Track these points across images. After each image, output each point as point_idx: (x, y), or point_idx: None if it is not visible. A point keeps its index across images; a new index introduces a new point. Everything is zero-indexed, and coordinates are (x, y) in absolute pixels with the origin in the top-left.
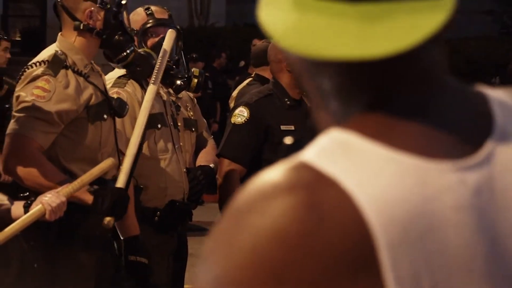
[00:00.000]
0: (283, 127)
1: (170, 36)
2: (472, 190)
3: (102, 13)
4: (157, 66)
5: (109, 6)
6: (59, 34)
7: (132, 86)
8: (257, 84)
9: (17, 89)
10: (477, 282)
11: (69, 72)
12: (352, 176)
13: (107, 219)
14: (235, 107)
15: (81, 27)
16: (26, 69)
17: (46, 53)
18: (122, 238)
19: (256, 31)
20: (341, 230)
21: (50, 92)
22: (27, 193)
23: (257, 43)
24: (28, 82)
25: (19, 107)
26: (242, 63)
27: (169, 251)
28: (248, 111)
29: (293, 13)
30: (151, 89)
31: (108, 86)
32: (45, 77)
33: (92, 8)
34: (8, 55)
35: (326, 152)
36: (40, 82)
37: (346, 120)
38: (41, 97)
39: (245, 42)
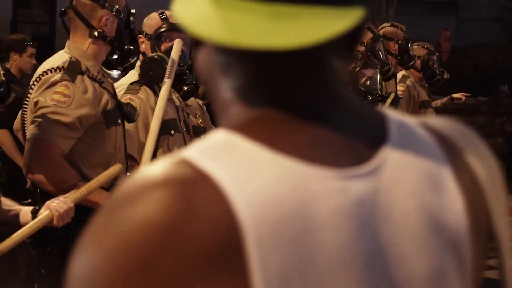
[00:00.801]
0: None
1: (177, 45)
2: (354, 199)
3: (116, 22)
4: (167, 74)
5: (122, 15)
6: (68, 40)
7: (145, 93)
8: None
9: (34, 94)
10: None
11: (85, 77)
12: (229, 174)
13: None
14: None
15: (96, 34)
16: (41, 76)
17: (59, 60)
18: None
19: None
20: (210, 225)
21: (70, 98)
22: (29, 200)
23: None
24: (47, 88)
25: (39, 112)
26: None
27: None
28: None
29: (209, 8)
30: (162, 96)
31: (121, 93)
32: (64, 82)
33: (108, 16)
34: (34, 61)
35: (208, 151)
36: (59, 88)
37: (240, 121)
38: (61, 102)
39: None
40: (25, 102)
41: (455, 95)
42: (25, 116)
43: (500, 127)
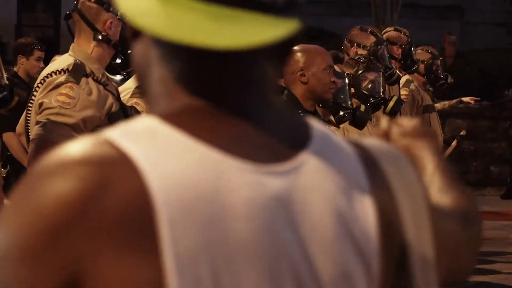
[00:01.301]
0: None
1: None
2: (269, 194)
3: (120, 25)
4: None
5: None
6: (73, 43)
7: None
8: None
9: (38, 96)
10: (261, 278)
11: (90, 80)
12: (147, 156)
13: None
14: None
15: (101, 38)
16: (46, 78)
17: (63, 62)
18: None
19: None
20: (123, 202)
21: (75, 99)
22: None
23: None
24: (51, 90)
25: (44, 113)
26: None
27: None
28: None
29: (153, 2)
30: None
31: (126, 97)
32: (69, 84)
33: (113, 20)
34: (42, 65)
35: (130, 133)
36: (64, 89)
37: (168, 110)
38: (66, 104)
39: None
40: (29, 105)
41: (464, 99)
42: (29, 118)
43: (504, 131)
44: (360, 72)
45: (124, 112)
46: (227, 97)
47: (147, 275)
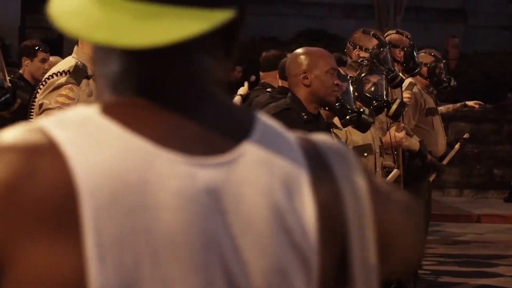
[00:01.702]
0: None
1: None
2: (200, 185)
3: None
4: None
5: None
6: (76, 46)
7: None
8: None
9: (39, 97)
10: (186, 269)
11: (91, 81)
12: (75, 144)
13: None
14: None
15: None
16: (47, 79)
17: (65, 64)
18: None
19: (274, 44)
20: (47, 188)
21: (74, 100)
22: None
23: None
24: (52, 91)
25: (44, 114)
26: (253, 78)
27: None
28: None
29: (82, 3)
30: None
31: None
32: (69, 85)
33: None
34: (46, 67)
35: (63, 121)
36: (64, 90)
37: (106, 103)
38: (65, 104)
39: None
40: (31, 107)
41: (468, 103)
42: (31, 120)
43: (508, 134)
44: (363, 75)
45: None
46: (163, 91)
47: (69, 262)
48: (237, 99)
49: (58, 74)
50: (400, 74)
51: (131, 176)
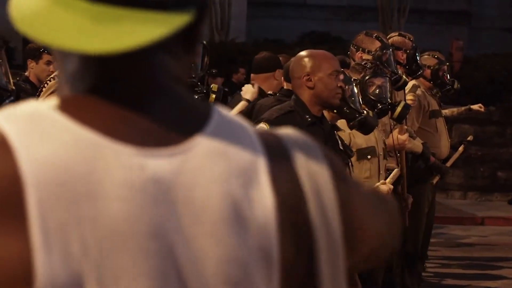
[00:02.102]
0: None
1: None
2: (149, 176)
3: None
4: None
5: None
6: None
7: None
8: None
9: (39, 99)
10: (134, 257)
11: None
12: (23, 137)
13: None
14: (256, 123)
15: None
16: (48, 82)
17: None
18: None
19: (277, 47)
20: None
21: None
22: None
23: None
24: (52, 93)
25: None
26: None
27: None
28: (268, 127)
29: (42, 5)
30: None
31: None
32: None
33: None
34: (52, 69)
35: (14, 115)
36: None
37: (61, 99)
38: None
39: None
40: None
41: (473, 107)
42: None
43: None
44: (367, 77)
45: None
46: (119, 88)
47: (16, 253)
48: (242, 104)
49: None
50: (404, 76)
51: (78, 167)
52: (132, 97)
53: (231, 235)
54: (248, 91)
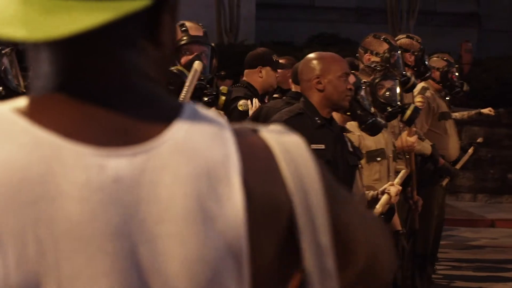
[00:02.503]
0: (313, 146)
1: (197, 67)
2: (109, 176)
3: None
4: (185, 89)
5: None
6: None
7: None
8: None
9: None
10: (92, 258)
11: None
12: None
13: None
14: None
15: None
16: None
17: None
18: None
19: (286, 49)
20: None
21: None
22: None
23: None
24: None
25: None
26: None
27: None
28: None
29: None
30: None
31: None
32: None
33: None
34: None
35: None
36: None
37: (24, 101)
38: None
39: None
40: None
41: (483, 111)
42: None
43: None
44: (377, 80)
45: None
46: (83, 86)
47: None
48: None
49: None
50: (412, 78)
51: (35, 169)
52: (98, 95)
53: (196, 234)
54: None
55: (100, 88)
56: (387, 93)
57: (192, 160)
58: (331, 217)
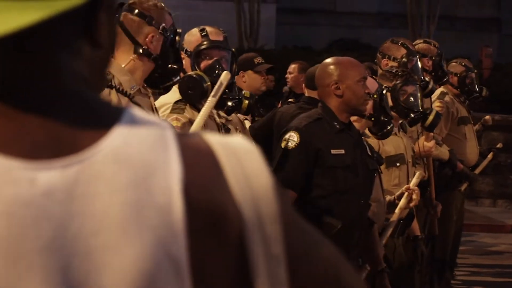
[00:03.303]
0: (333, 151)
1: (227, 75)
2: (41, 189)
3: (161, 39)
4: (212, 93)
5: (168, 34)
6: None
7: (190, 112)
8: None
9: None
10: (21, 273)
11: (113, 91)
12: None
13: None
14: (285, 132)
15: (141, 51)
16: None
17: None
18: None
19: (306, 54)
20: None
21: None
22: None
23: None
24: None
25: None
26: (285, 89)
27: None
28: (298, 135)
29: None
30: (201, 116)
31: (166, 112)
32: None
33: (154, 34)
34: None
35: None
36: None
37: None
38: None
39: None
40: None
41: (486, 118)
42: None
43: None
44: (399, 85)
45: None
46: (16, 95)
47: None
48: None
49: None
50: (431, 83)
51: None
52: (32, 104)
53: (133, 244)
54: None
55: (34, 95)
56: (410, 98)
57: (129, 168)
58: (285, 227)
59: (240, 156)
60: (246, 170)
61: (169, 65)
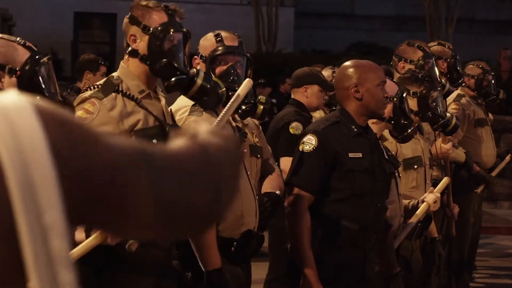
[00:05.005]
0: (351, 155)
1: (247, 85)
2: None
3: (146, 38)
4: (231, 101)
5: (152, 32)
6: (122, 61)
7: (208, 114)
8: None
9: None
10: None
11: (119, 96)
12: None
13: (130, 241)
14: (303, 135)
15: (128, 52)
16: (82, 93)
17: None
18: (204, 270)
19: (324, 57)
20: None
21: (92, 114)
22: None
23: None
24: (78, 104)
25: None
26: None
27: (241, 284)
28: (316, 138)
29: None
30: (220, 121)
31: (184, 114)
32: (92, 99)
33: (136, 33)
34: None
35: None
36: (86, 105)
37: None
38: (83, 119)
39: None
40: None
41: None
42: None
43: None
44: (430, 92)
45: (163, 129)
46: None
47: None
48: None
49: (91, 87)
50: (447, 85)
51: None
52: None
53: None
54: None
55: None
56: (433, 104)
57: None
58: (78, 172)
59: (9, 114)
60: (15, 130)
61: (162, 65)
